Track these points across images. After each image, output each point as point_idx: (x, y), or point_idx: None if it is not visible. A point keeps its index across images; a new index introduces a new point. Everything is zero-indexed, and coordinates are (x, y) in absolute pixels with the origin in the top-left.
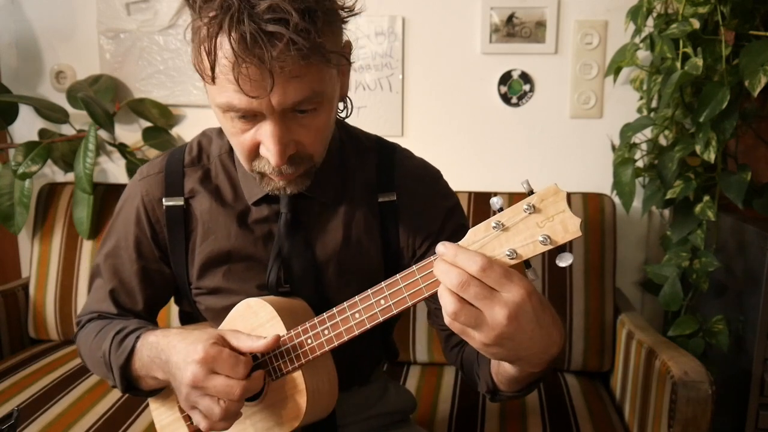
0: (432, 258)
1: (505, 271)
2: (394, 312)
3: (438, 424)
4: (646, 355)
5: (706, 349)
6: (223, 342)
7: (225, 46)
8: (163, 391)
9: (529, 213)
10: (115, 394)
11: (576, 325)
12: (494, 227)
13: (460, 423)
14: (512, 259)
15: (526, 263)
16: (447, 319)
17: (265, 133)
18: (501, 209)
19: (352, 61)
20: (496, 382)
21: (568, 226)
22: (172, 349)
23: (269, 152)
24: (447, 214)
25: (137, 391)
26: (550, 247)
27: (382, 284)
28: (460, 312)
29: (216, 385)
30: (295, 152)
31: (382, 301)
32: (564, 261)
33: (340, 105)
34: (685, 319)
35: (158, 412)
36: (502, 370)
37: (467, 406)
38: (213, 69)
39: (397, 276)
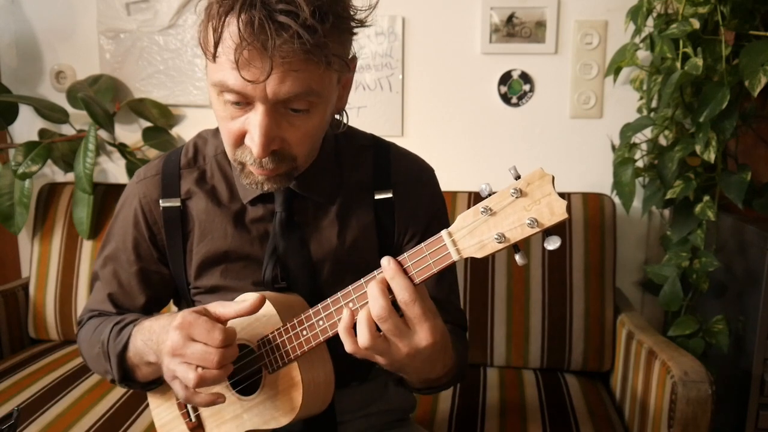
0: (408, 253)
1: (424, 311)
2: None
3: (438, 423)
4: (646, 355)
5: (706, 349)
6: (204, 312)
7: (232, 27)
8: (161, 388)
9: (516, 197)
10: (115, 395)
11: (576, 325)
12: (482, 212)
13: (460, 423)
14: (501, 243)
15: (515, 247)
16: (350, 347)
17: (253, 123)
18: (489, 195)
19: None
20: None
21: (554, 209)
22: (162, 329)
23: (253, 142)
24: (434, 215)
25: (133, 382)
26: (537, 229)
27: (375, 272)
28: (370, 346)
29: (194, 351)
30: (279, 148)
31: None
32: (552, 244)
33: (336, 117)
34: (685, 319)
35: (158, 411)
36: None
37: (467, 405)
38: (216, 47)
39: None
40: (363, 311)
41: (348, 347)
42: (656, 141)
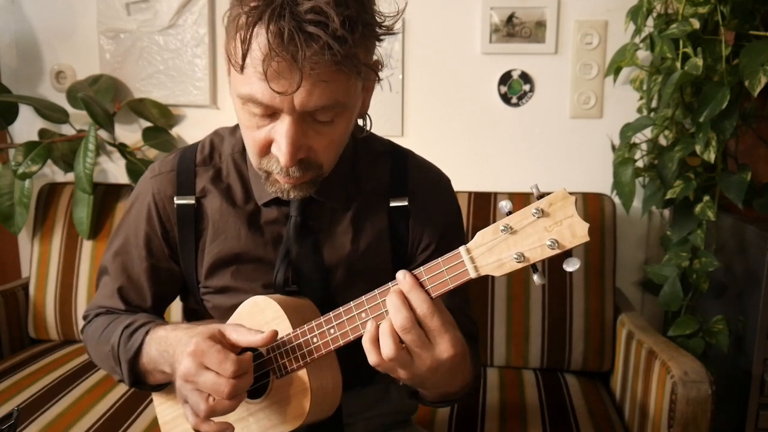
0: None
1: (443, 323)
2: None
3: (438, 424)
4: (646, 355)
5: (706, 349)
6: (220, 336)
7: (261, 38)
8: (167, 386)
9: (538, 217)
10: (115, 394)
11: (576, 325)
12: (503, 230)
13: (460, 423)
14: (520, 262)
15: (533, 267)
16: (374, 359)
17: (280, 132)
18: (509, 213)
19: (380, 78)
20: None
21: (576, 231)
22: (179, 343)
23: (280, 152)
24: (449, 225)
25: (144, 385)
26: (557, 251)
27: (389, 284)
28: (395, 357)
29: (206, 380)
30: (305, 157)
31: None
32: (571, 266)
33: (359, 121)
34: (685, 319)
35: (162, 408)
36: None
37: (467, 406)
38: (244, 58)
39: None
40: (385, 322)
41: (372, 359)
42: (656, 141)
